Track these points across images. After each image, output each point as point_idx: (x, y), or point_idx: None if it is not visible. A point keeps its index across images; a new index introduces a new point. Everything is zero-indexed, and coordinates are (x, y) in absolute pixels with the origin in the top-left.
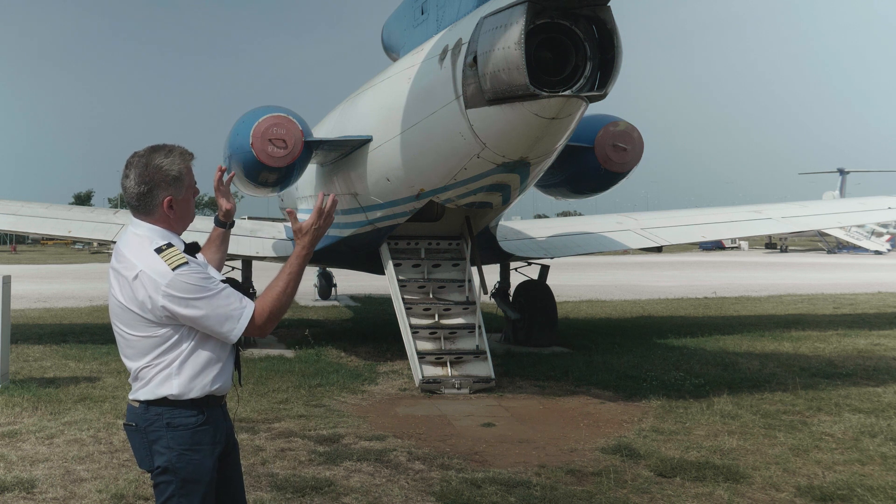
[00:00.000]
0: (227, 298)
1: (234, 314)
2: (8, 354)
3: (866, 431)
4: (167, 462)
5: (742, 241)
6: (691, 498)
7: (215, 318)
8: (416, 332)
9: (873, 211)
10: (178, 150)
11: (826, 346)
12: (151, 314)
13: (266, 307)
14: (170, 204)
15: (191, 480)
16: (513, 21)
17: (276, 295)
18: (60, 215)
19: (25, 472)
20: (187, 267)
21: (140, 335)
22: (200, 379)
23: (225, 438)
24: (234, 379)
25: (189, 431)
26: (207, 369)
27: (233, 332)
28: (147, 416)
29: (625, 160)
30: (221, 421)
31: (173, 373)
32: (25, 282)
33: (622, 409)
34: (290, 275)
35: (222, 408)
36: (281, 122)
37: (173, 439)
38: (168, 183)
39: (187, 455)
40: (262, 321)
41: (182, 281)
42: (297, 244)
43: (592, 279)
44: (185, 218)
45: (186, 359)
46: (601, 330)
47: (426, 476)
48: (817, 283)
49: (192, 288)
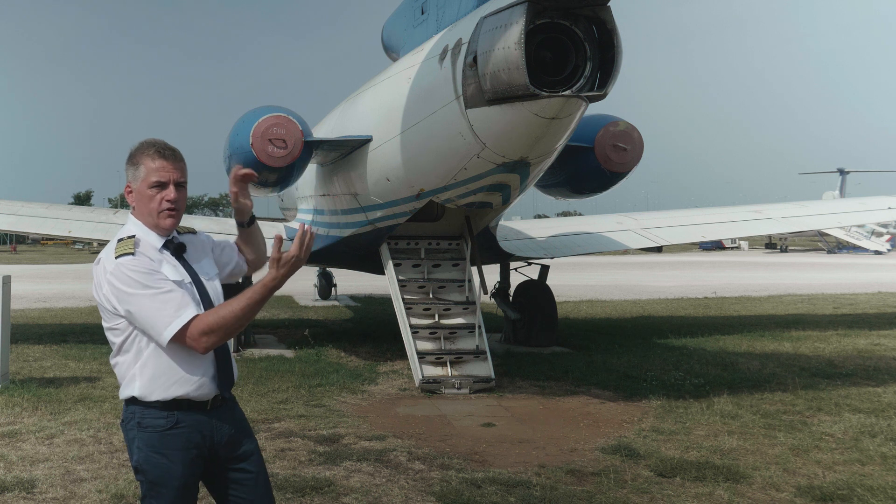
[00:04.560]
0: (165, 303)
1: (165, 319)
2: (8, 354)
3: (866, 431)
4: (137, 462)
5: (742, 241)
6: (691, 498)
7: (145, 317)
8: (416, 332)
9: (873, 211)
10: (153, 143)
11: (826, 346)
12: (104, 301)
13: (209, 322)
14: (129, 191)
15: (157, 483)
16: (513, 21)
17: (226, 314)
18: (60, 215)
19: (25, 472)
20: (131, 259)
21: (106, 325)
22: (162, 381)
23: (209, 445)
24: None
25: (157, 434)
26: (169, 372)
27: (160, 337)
28: (126, 413)
29: (625, 160)
30: (201, 426)
31: (137, 373)
32: (25, 282)
33: (622, 409)
34: (249, 300)
35: (211, 413)
36: (281, 122)
37: (142, 440)
38: (129, 169)
39: (153, 457)
40: (198, 334)
41: (122, 271)
42: (269, 272)
43: (592, 279)
44: (143, 213)
45: (148, 359)
46: (601, 330)
47: (426, 476)
48: (817, 283)
49: (129, 280)
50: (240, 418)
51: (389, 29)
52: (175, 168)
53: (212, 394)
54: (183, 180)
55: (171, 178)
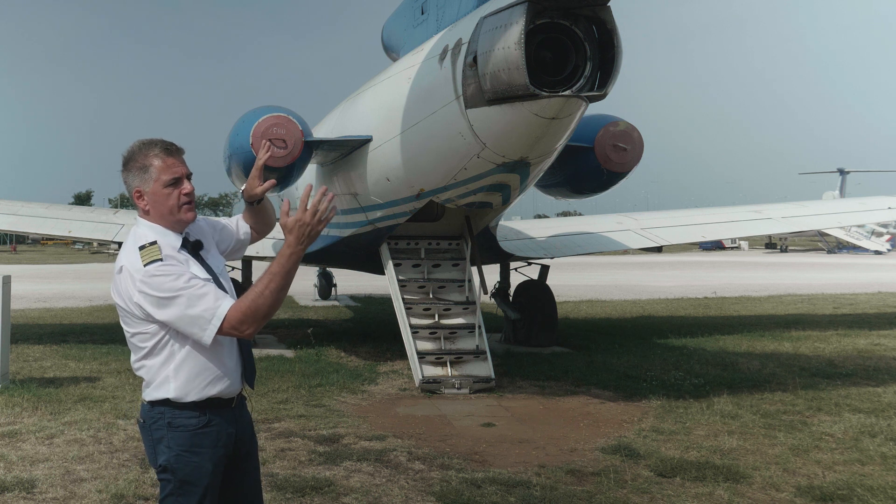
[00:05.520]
0: (201, 299)
1: (206, 315)
2: (8, 354)
3: (866, 431)
4: (166, 461)
5: (742, 241)
6: (691, 498)
7: (186, 318)
8: (416, 332)
9: (873, 211)
10: (156, 142)
11: (826, 346)
12: (134, 309)
13: (241, 307)
14: (139, 195)
15: (188, 482)
16: (513, 21)
17: (254, 295)
18: (60, 215)
19: (25, 472)
20: (161, 265)
21: (131, 331)
22: (198, 382)
23: (233, 442)
24: (243, 380)
25: (189, 433)
26: (206, 372)
27: (204, 334)
28: (152, 414)
29: (625, 160)
30: (228, 424)
31: (170, 375)
32: (25, 282)
33: (622, 409)
34: (272, 274)
35: (234, 410)
36: (281, 122)
37: (173, 439)
38: (134, 174)
39: (185, 456)
40: (236, 322)
41: (152, 277)
42: (284, 241)
43: (592, 279)
44: (161, 213)
45: (183, 361)
46: (601, 330)
47: (426, 476)
48: (817, 283)
49: (164, 286)
50: (250, 418)
51: (389, 29)
52: (183, 162)
53: (238, 389)
54: (191, 173)
55: (183, 172)
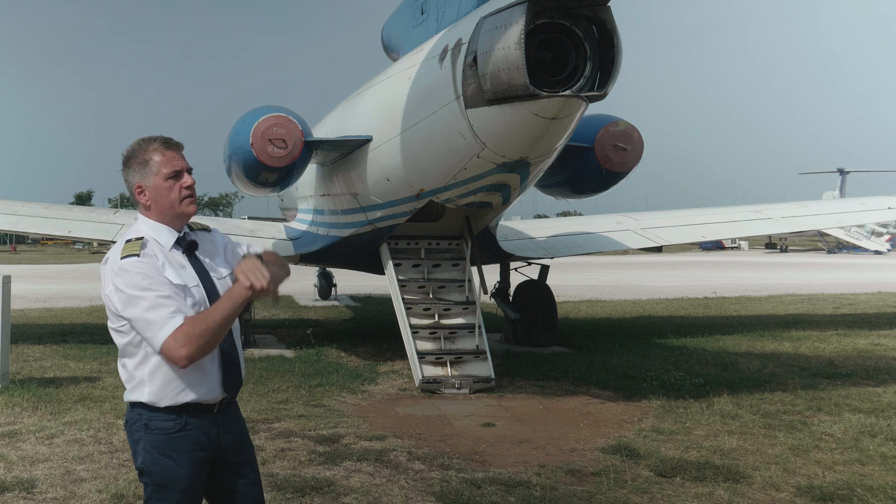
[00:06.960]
0: (161, 307)
1: (158, 321)
2: (8, 354)
3: (866, 431)
4: (142, 464)
5: (742, 241)
6: (691, 498)
7: (142, 321)
8: (416, 332)
9: (873, 211)
10: (155, 137)
11: (826, 346)
12: (107, 302)
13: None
14: (140, 191)
15: (164, 485)
16: (513, 21)
17: (203, 317)
18: (60, 215)
19: (25, 472)
20: (135, 259)
21: (110, 325)
22: (172, 387)
23: (217, 446)
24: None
25: (165, 436)
26: (182, 377)
27: (153, 342)
28: (132, 415)
29: (625, 160)
30: (208, 428)
31: (145, 379)
32: (25, 282)
33: (622, 409)
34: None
35: (217, 416)
36: (281, 122)
37: (149, 442)
38: (135, 170)
39: (161, 459)
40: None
41: (124, 272)
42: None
43: (592, 279)
44: (162, 208)
45: (158, 365)
46: (601, 330)
47: (426, 476)
48: (817, 283)
49: (131, 282)
50: (242, 423)
51: (389, 29)
52: (183, 156)
53: (220, 396)
54: (191, 167)
55: (184, 166)
